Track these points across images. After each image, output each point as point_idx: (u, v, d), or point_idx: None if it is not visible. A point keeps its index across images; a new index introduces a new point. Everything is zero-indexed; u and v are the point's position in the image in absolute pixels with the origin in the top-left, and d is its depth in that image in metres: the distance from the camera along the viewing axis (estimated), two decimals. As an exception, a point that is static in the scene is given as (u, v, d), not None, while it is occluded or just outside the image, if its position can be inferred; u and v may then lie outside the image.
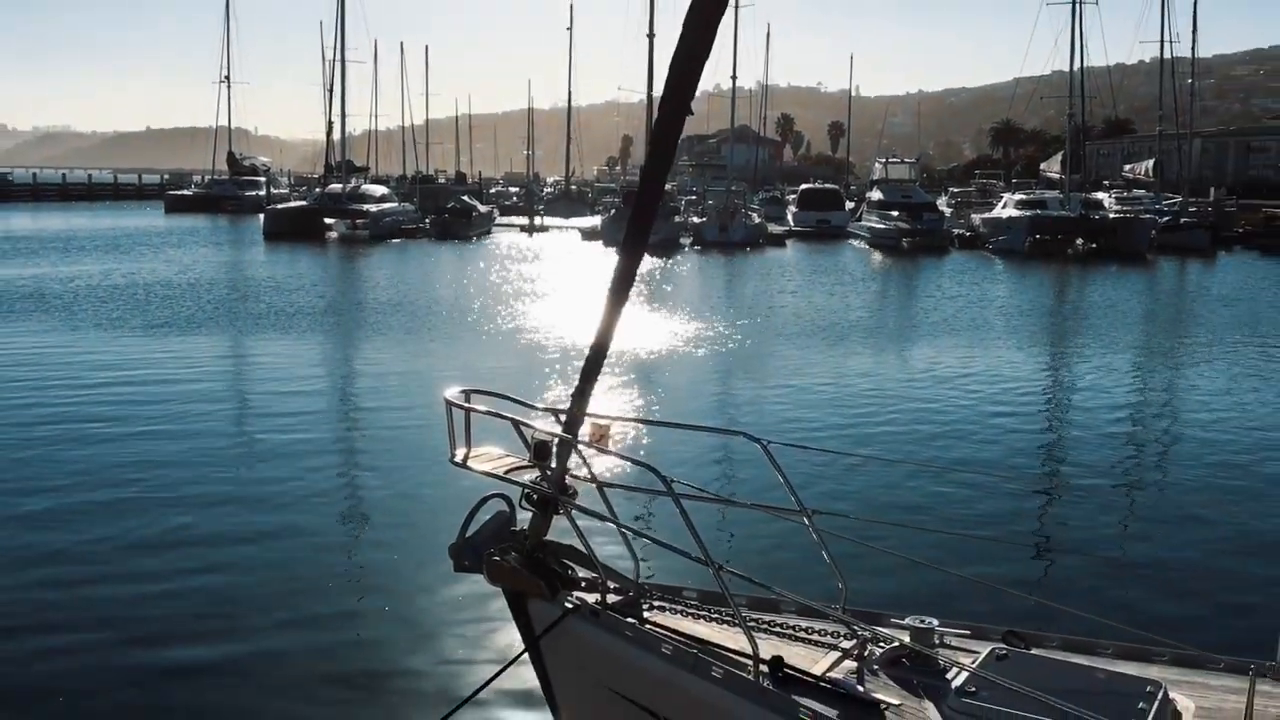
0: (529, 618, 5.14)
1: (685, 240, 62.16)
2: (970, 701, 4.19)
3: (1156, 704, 4.14)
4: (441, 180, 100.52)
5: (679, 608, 5.20)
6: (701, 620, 5.07)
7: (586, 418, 5.32)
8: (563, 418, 5.33)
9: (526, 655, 5.26)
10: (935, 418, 17.25)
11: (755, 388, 20.63)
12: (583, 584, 5.20)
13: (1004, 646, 4.72)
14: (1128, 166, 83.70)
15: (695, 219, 66.44)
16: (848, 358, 23.66)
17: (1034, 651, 4.76)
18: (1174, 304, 38.83)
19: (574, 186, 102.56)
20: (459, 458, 5.37)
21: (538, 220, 77.30)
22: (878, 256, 56.85)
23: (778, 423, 16.61)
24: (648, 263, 47.23)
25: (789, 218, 75.39)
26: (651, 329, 26.89)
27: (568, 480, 5.18)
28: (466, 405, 5.33)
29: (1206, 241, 60.73)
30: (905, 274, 48.34)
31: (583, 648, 4.95)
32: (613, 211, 65.04)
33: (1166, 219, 62.44)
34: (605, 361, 5.33)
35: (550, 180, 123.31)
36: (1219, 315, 33.17)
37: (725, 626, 4.95)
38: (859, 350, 24.86)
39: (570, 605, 4.97)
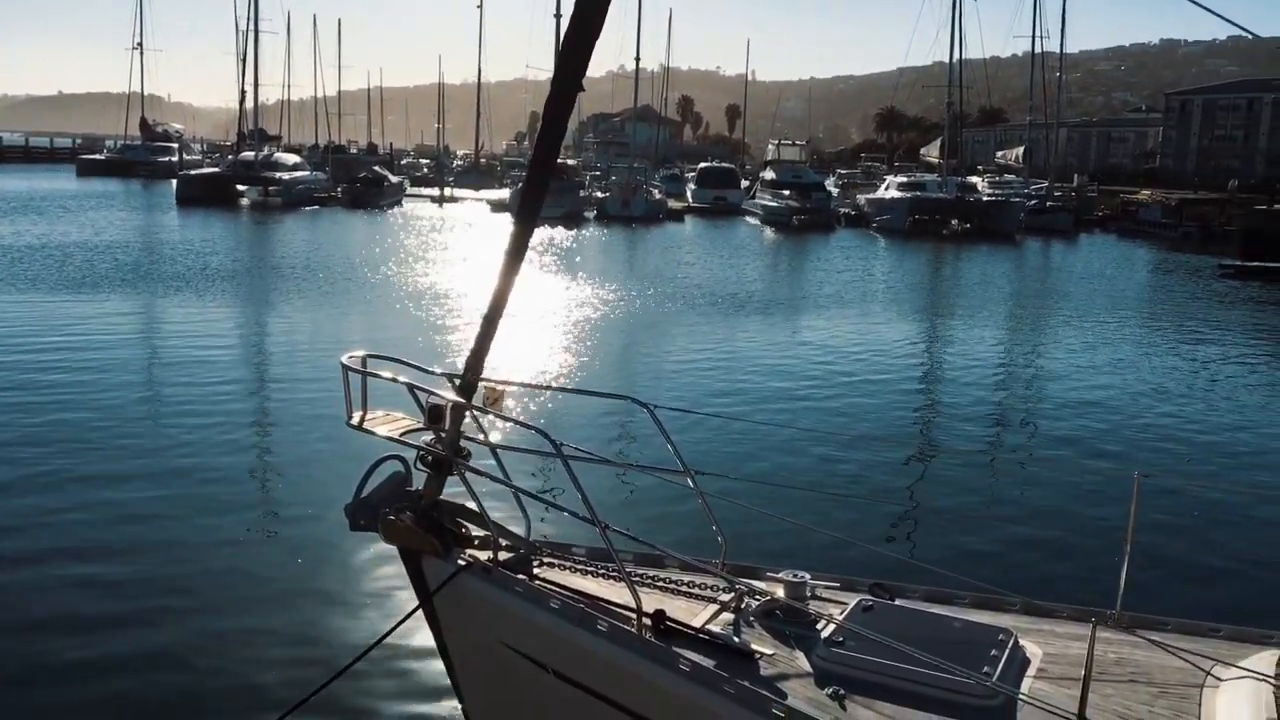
0: (423, 575, 5.05)
1: (589, 214, 61.90)
2: (838, 651, 4.25)
3: (1008, 650, 4.25)
4: (353, 151, 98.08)
5: (568, 564, 5.16)
6: (589, 576, 5.05)
7: (481, 382, 5.23)
8: (458, 382, 5.24)
9: (421, 611, 5.18)
10: (818, 385, 17.51)
11: (651, 355, 20.67)
12: (476, 542, 5.12)
13: (870, 598, 4.79)
14: (1000, 153, 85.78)
15: (599, 194, 66.14)
16: (740, 327, 23.85)
17: (897, 602, 4.84)
18: (1040, 281, 39.98)
19: (483, 160, 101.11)
20: (355, 420, 5.24)
21: (447, 191, 76.18)
22: (770, 233, 57.35)
23: (670, 389, 16.67)
24: (552, 234, 46.99)
25: (688, 194, 75.50)
26: (553, 298, 26.77)
27: (462, 443, 5.09)
28: (363, 370, 5.20)
29: (1070, 224, 62.71)
30: (795, 249, 48.87)
31: (475, 603, 4.88)
32: (520, 184, 64.46)
33: (1034, 202, 64.25)
34: (502, 327, 5.24)
35: (460, 153, 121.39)
36: (1080, 291, 34.29)
37: (612, 582, 4.94)
38: (751, 320, 25.07)
39: (463, 562, 4.89)
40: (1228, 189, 69.76)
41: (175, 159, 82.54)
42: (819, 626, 4.49)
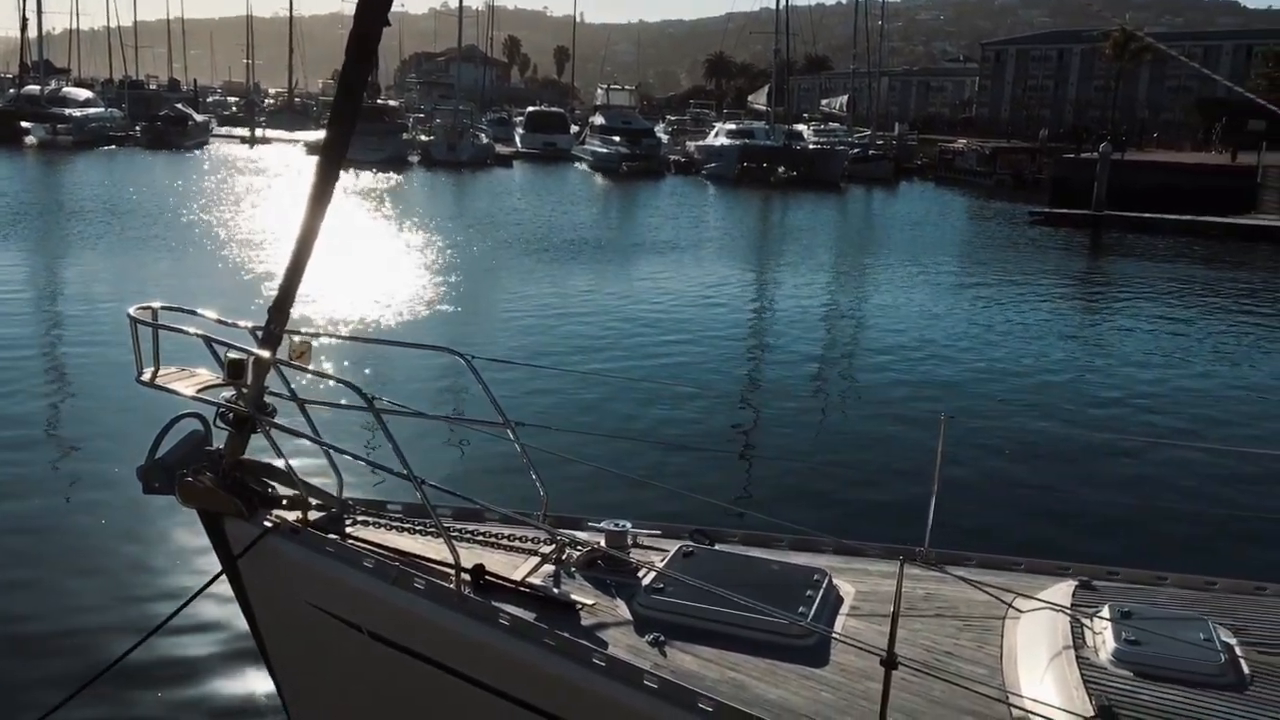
0: (226, 538, 4.85)
1: (413, 158, 60.57)
2: (658, 598, 4.31)
3: (822, 590, 4.41)
4: (153, 87, 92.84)
5: (383, 522, 5.05)
6: (406, 533, 4.96)
7: (286, 334, 5.02)
8: (260, 334, 5.01)
9: (225, 576, 4.97)
10: (644, 333, 17.68)
11: (476, 305, 20.39)
12: (283, 502, 4.95)
13: (691, 544, 4.88)
14: (825, 101, 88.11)
15: (423, 137, 64.84)
16: (569, 276, 23.81)
17: (717, 547, 4.95)
18: (863, 229, 41.43)
19: (297, 99, 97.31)
20: (146, 377, 4.95)
21: (259, 132, 73.15)
22: (600, 179, 57.35)
23: (494, 339, 16.53)
24: (374, 179, 45.72)
25: (516, 139, 74.72)
26: (373, 245, 26.08)
27: (267, 398, 4.88)
28: (154, 322, 4.91)
29: (890, 172, 65.09)
30: (626, 196, 49.03)
31: (283, 566, 4.72)
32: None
33: (857, 151, 66.34)
34: (316, 277, 5.04)
35: (272, 92, 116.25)
36: (900, 238, 35.73)
37: (429, 538, 4.87)
38: (580, 269, 25.05)
39: (269, 524, 4.72)
40: (1039, 138, 73.66)
41: (-54, 92, 76.25)
42: (640, 575, 4.54)
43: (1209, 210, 39.99)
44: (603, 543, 4.77)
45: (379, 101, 69.41)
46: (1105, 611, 4.12)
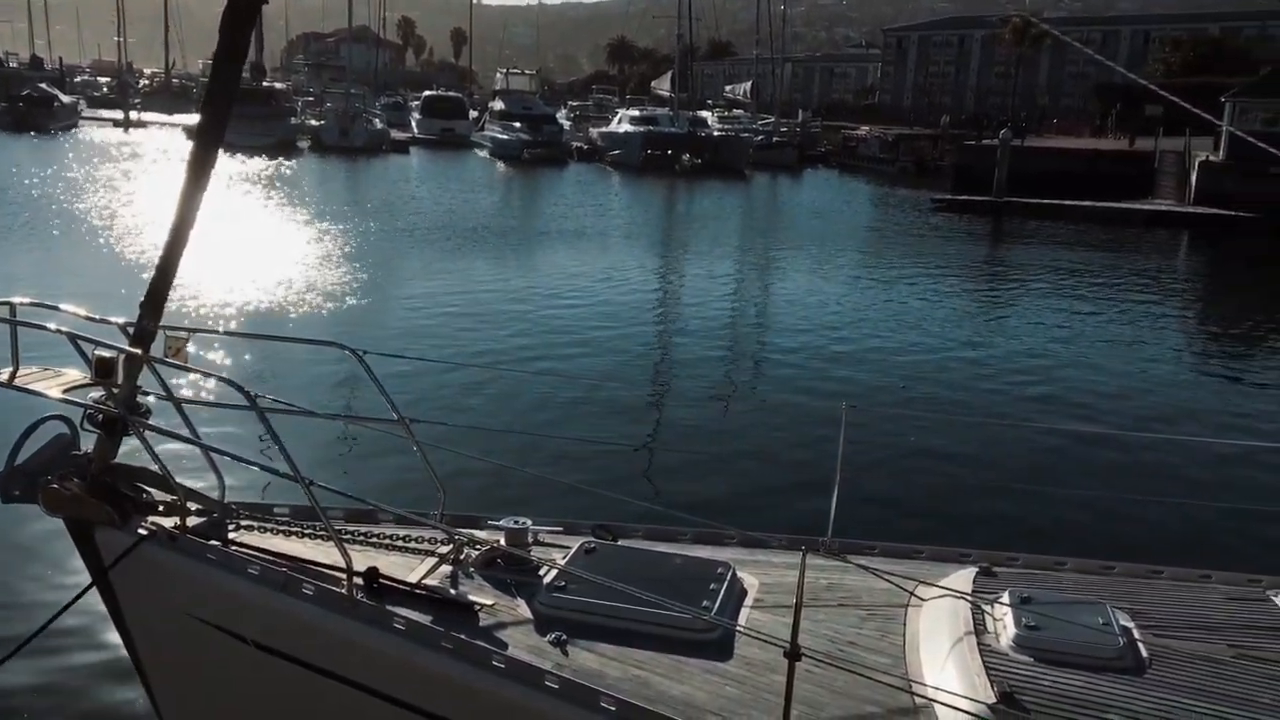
0: (96, 548, 4.67)
1: (303, 143, 59.37)
2: (559, 595, 4.31)
3: (726, 583, 4.45)
4: (13, 65, 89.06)
5: (269, 526, 4.94)
6: (294, 538, 4.86)
7: (160, 330, 4.85)
8: (131, 330, 4.83)
9: (96, 588, 4.78)
10: (546, 326, 17.61)
11: (370, 298, 20.01)
12: (159, 508, 4.79)
13: (593, 540, 4.88)
14: (728, 87, 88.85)
15: (313, 122, 63.64)
16: (468, 267, 23.60)
17: (620, 543, 4.96)
18: (768, 217, 41.89)
19: (175, 80, 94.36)
20: (4, 377, 4.74)
21: (133, 115, 70.84)
22: (501, 167, 56.94)
23: (389, 333, 16.29)
24: (262, 165, 44.69)
25: (413, 124, 73.73)
26: (260, 235, 25.40)
27: (140, 398, 4.71)
28: (12, 319, 4.70)
29: (794, 159, 65.96)
30: (529, 184, 48.78)
31: (160, 575, 4.57)
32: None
33: (761, 138, 67.04)
34: (198, 268, 4.90)
35: (148, 72, 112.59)
36: (805, 227, 36.24)
37: (319, 542, 4.78)
38: (480, 259, 24.84)
39: (144, 531, 4.56)
40: (940, 125, 75.39)
41: None
42: (541, 573, 4.52)
43: (1107, 195, 41.47)
44: (502, 541, 4.74)
45: (265, 83, 67.80)
46: (1005, 597, 4.23)
